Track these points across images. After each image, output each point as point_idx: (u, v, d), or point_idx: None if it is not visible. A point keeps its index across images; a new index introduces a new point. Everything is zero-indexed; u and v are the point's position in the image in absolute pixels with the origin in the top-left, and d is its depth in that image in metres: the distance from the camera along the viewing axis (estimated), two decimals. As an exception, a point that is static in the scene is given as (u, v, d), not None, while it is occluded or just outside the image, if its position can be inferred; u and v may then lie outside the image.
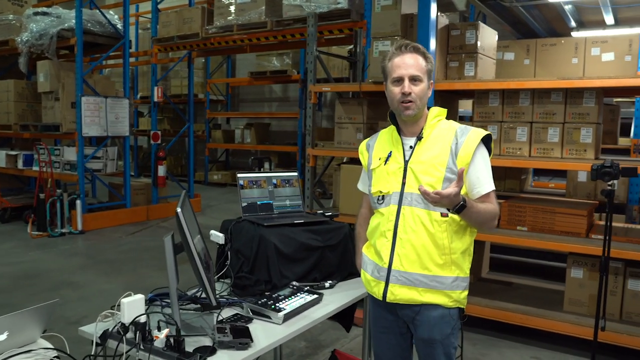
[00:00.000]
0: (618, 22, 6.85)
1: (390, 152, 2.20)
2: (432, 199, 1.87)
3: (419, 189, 1.89)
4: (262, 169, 4.86)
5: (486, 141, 2.13)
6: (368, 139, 2.39)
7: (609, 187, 3.09)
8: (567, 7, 6.12)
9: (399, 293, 2.11)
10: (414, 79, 2.07)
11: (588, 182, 5.60)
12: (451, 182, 1.97)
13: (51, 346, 2.01)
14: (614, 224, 4.76)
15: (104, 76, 9.92)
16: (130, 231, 8.14)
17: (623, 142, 6.73)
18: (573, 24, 6.78)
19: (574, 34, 6.94)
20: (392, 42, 4.40)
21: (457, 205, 1.91)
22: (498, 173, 5.47)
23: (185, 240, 1.92)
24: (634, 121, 5.71)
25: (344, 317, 2.93)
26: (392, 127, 2.24)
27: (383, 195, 2.18)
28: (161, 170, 9.26)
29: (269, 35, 7.48)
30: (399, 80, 2.09)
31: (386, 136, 2.27)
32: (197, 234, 2.32)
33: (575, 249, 3.98)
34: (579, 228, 4.10)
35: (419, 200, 2.06)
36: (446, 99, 5.03)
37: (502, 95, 4.35)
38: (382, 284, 2.14)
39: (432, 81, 2.15)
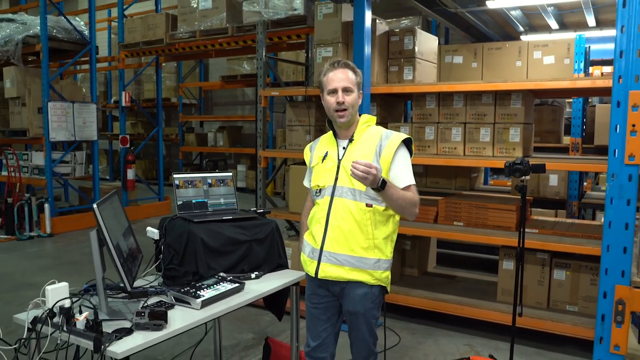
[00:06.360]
0: (565, 27, 7.16)
1: (327, 152, 2.59)
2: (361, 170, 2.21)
3: (352, 163, 2.24)
4: (216, 170, 5.06)
5: (408, 144, 2.51)
6: (312, 142, 2.79)
7: (522, 183, 3.35)
8: (514, 13, 6.39)
9: (329, 271, 2.50)
10: (346, 90, 2.45)
11: (530, 179, 5.88)
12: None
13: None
14: (546, 218, 5.06)
15: (71, 81, 10.03)
16: (98, 233, 8.25)
17: (567, 141, 7.01)
18: (521, 28, 7.07)
19: (523, 37, 7.23)
20: (334, 48, 4.64)
21: (379, 181, 2.25)
22: (448, 172, 5.72)
23: (102, 233, 2.13)
24: (572, 121, 6.01)
25: (275, 307, 3.16)
26: (330, 132, 2.63)
27: (320, 189, 2.57)
28: (130, 174, 9.42)
29: (230, 40, 7.67)
30: (334, 92, 2.47)
31: (325, 140, 2.67)
32: (124, 228, 2.53)
33: (505, 242, 4.23)
34: (509, 222, 4.37)
35: (348, 193, 2.46)
36: (390, 103, 5.28)
37: (438, 98, 4.61)
38: (315, 263, 2.54)
39: (361, 92, 2.54)
